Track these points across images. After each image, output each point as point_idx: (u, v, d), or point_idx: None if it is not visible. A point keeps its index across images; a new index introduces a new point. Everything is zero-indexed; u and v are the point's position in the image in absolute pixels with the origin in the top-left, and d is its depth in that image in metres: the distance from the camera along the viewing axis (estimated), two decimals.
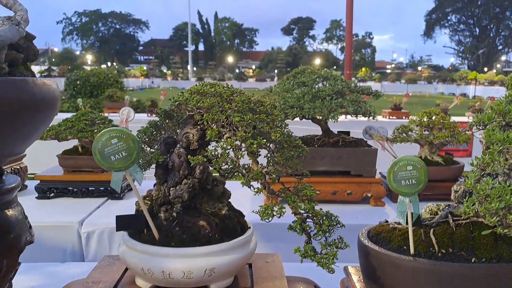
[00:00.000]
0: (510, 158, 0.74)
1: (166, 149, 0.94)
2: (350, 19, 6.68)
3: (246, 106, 0.85)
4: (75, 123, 2.02)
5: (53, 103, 0.91)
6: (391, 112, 6.12)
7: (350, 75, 6.69)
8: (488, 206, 0.70)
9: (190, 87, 0.94)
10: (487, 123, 0.87)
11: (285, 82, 2.12)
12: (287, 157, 0.90)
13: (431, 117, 2.14)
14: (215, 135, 0.83)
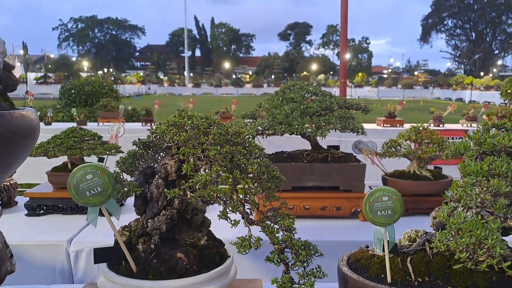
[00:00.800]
0: (482, 191, 0.75)
1: (144, 179, 0.95)
2: (345, 28, 6.72)
3: (223, 138, 0.86)
4: (64, 140, 2.03)
5: (32, 134, 0.91)
6: (385, 120, 6.13)
7: (345, 84, 6.72)
8: (459, 240, 0.70)
9: (168, 118, 0.95)
10: (463, 152, 0.88)
11: (274, 98, 2.13)
12: (264, 188, 0.90)
13: (419, 132, 2.15)
14: (191, 169, 0.83)
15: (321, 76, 48.35)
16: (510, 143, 0.82)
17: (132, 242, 0.93)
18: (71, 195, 0.85)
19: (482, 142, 0.86)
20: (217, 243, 0.98)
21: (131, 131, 5.63)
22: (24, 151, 0.94)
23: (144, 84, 40.42)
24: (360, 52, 65.77)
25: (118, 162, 1.01)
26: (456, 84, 33.15)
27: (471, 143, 0.88)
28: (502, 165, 0.76)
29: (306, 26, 76.21)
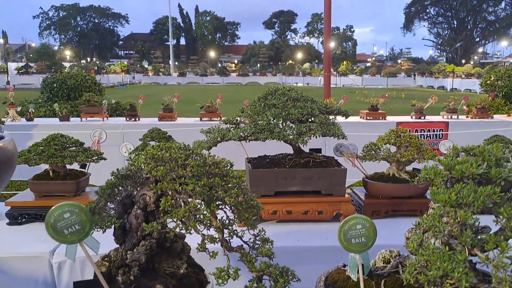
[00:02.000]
0: (450, 222, 0.78)
1: (123, 209, 0.96)
2: (328, 23, 6.73)
3: (201, 170, 0.87)
4: (45, 148, 2.01)
5: (9, 164, 0.92)
6: (368, 113, 6.20)
7: (329, 77, 6.74)
8: (427, 273, 0.74)
9: (147, 149, 0.96)
10: (434, 178, 0.91)
11: (256, 104, 2.14)
12: (242, 219, 0.92)
13: (399, 136, 2.19)
14: (168, 205, 0.85)
15: (306, 65, 48.38)
16: (477, 171, 0.85)
17: (111, 273, 0.94)
18: (48, 233, 0.86)
19: (452, 167, 0.90)
20: (196, 269, 1.00)
21: (115, 126, 5.59)
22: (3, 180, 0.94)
23: (128, 73, 39.90)
24: (345, 40, 65.91)
25: (97, 192, 1.02)
26: (438, 72, 33.54)
27: (441, 168, 0.92)
28: (469, 194, 0.80)
29: (291, 14, 75.89)
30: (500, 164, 0.89)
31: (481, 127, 5.81)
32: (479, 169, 0.86)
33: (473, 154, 0.92)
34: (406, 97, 22.17)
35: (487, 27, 65.26)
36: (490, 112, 6.68)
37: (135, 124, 5.70)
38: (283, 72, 42.56)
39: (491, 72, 8.06)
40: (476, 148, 0.93)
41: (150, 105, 7.49)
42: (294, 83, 38.96)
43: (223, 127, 2.16)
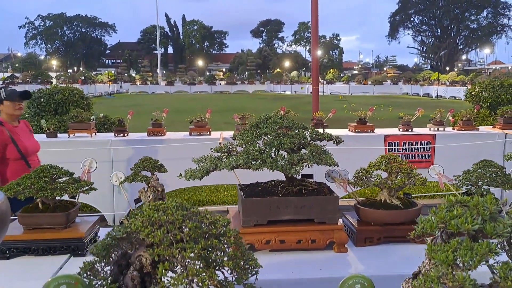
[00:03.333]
0: (449, 285, 0.79)
1: (119, 270, 0.95)
2: (316, 31, 6.78)
3: (198, 231, 0.87)
4: (35, 181, 1.98)
5: (2, 224, 0.90)
6: (357, 126, 6.24)
7: (317, 91, 6.79)
8: None
9: (143, 209, 0.95)
10: (430, 232, 0.92)
11: (248, 133, 2.14)
12: (239, 282, 0.92)
13: (389, 162, 2.21)
14: (166, 273, 0.84)
15: (294, 73, 48.70)
16: (472, 227, 0.86)
17: None
18: None
19: (447, 221, 0.91)
20: None
21: (103, 143, 5.52)
22: None
23: (115, 82, 39.68)
24: (331, 49, 66.53)
25: (92, 251, 1.00)
26: (423, 80, 34.04)
27: (437, 221, 0.92)
28: (466, 253, 0.80)
29: (278, 23, 76.46)
30: (494, 217, 0.90)
31: (467, 139, 5.90)
32: (474, 224, 0.87)
33: (467, 207, 0.94)
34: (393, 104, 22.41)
35: (470, 35, 66.53)
36: (476, 123, 6.79)
37: (123, 140, 5.65)
38: (271, 80, 42.77)
39: (476, 84, 8.19)
40: (470, 200, 0.94)
41: (138, 115, 7.42)
42: (282, 91, 39.14)
43: (215, 156, 2.16)
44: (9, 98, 3.65)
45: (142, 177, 2.10)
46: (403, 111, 12.48)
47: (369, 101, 25.96)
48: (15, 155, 3.65)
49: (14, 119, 3.78)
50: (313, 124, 6.24)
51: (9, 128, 3.66)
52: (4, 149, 3.58)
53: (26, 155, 3.75)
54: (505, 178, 2.17)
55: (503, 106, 7.29)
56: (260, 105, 24.06)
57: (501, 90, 7.52)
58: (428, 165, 6.14)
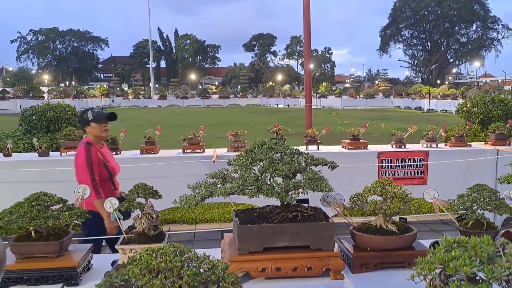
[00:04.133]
0: None
1: None
2: (308, 49, 6.84)
3: (197, 279, 0.86)
4: (28, 210, 1.96)
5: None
6: (350, 142, 6.28)
7: (310, 108, 6.83)
8: None
9: (141, 253, 0.94)
10: (428, 274, 0.92)
11: (243, 159, 2.14)
12: None
13: (384, 187, 2.22)
14: None
15: (287, 86, 49.03)
16: (471, 270, 0.86)
17: None
18: None
19: (445, 263, 0.91)
20: None
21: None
22: None
23: (108, 97, 39.63)
24: (323, 62, 67.15)
25: None
26: (415, 93, 34.41)
27: (435, 262, 0.93)
28: None
29: (271, 37, 77.18)
30: (492, 259, 0.90)
31: (460, 155, 5.95)
32: (473, 267, 0.87)
33: (465, 248, 0.94)
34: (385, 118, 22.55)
35: (460, 48, 67.68)
36: (468, 138, 6.85)
37: (116, 158, 5.59)
38: (264, 93, 42.98)
39: (467, 99, 8.29)
40: (468, 242, 0.95)
41: (131, 130, 7.39)
42: (275, 104, 39.33)
43: (210, 182, 2.15)
44: (97, 119, 3.68)
45: (136, 204, 2.08)
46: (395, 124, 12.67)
47: (361, 115, 26.15)
48: (104, 176, 3.70)
49: (100, 141, 3.83)
50: (307, 141, 6.26)
51: (97, 149, 3.71)
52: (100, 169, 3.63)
53: (113, 176, 3.83)
54: (499, 202, 2.18)
55: (494, 121, 7.38)
56: (253, 119, 24.14)
57: (492, 105, 7.61)
58: (421, 182, 6.19)
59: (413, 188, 6.42)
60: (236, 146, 5.94)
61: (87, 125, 3.70)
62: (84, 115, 3.72)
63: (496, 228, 2.23)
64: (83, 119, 3.72)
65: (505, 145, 5.98)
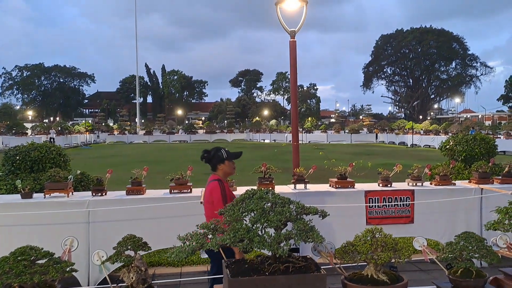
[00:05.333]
0: None
1: None
2: (294, 89, 6.98)
3: None
4: (13, 265, 1.91)
5: None
6: (337, 181, 6.31)
7: (297, 147, 6.89)
8: None
9: None
10: None
11: (235, 209, 2.14)
12: None
13: (374, 236, 2.23)
14: None
15: (273, 121, 49.55)
16: None
17: None
18: None
19: None
20: None
21: (80, 203, 5.38)
22: None
23: (93, 132, 39.39)
24: (309, 98, 68.32)
25: None
26: (398, 129, 35.06)
27: None
28: None
29: (257, 73, 78.60)
30: None
31: (445, 194, 6.02)
32: None
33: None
34: (370, 153, 22.82)
35: (440, 85, 69.84)
36: (452, 176, 6.96)
37: (101, 200, 5.52)
38: (250, 128, 43.31)
39: (450, 137, 8.48)
40: None
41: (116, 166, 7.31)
42: (261, 139, 39.57)
43: (201, 233, 2.14)
44: (229, 158, 3.92)
45: (125, 258, 2.05)
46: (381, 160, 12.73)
47: (347, 150, 26.43)
48: None
49: (226, 178, 4.06)
50: (295, 180, 6.28)
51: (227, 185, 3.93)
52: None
53: None
54: (487, 250, 2.21)
55: (477, 159, 7.54)
56: None
57: (474, 143, 7.79)
58: (408, 221, 6.22)
59: (400, 228, 6.44)
60: None
61: (221, 163, 3.89)
62: (218, 153, 3.91)
63: (485, 276, 2.25)
64: (218, 157, 3.90)
65: (488, 183, 6.09)
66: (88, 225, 5.29)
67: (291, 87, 6.66)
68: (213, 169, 3.96)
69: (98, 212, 5.33)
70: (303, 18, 6.74)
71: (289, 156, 14.01)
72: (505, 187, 5.87)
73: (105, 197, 5.60)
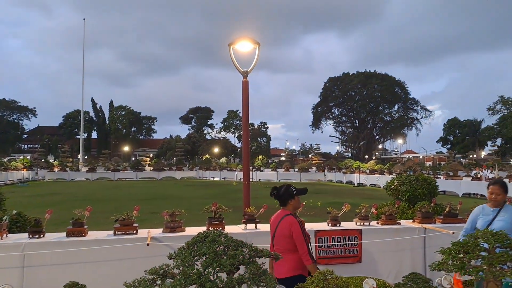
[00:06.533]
0: None
1: None
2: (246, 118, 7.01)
3: None
4: None
5: None
6: None
7: (248, 186, 6.87)
8: None
9: None
10: None
11: (186, 252, 2.06)
12: None
13: (326, 279, 2.21)
14: None
15: (223, 159, 49.39)
16: None
17: None
18: None
19: None
20: None
21: (15, 246, 4.95)
22: None
23: (31, 169, 37.10)
24: (259, 136, 69.21)
25: None
26: (346, 168, 36.13)
27: None
28: None
29: (208, 110, 78.92)
30: None
31: (391, 233, 6.17)
32: None
33: None
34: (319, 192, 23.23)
35: (384, 126, 73.46)
36: (397, 215, 7.19)
37: (39, 243, 5.11)
38: (200, 166, 42.77)
39: (395, 178, 8.82)
40: None
41: (55, 206, 6.88)
42: (211, 177, 39.12)
43: (149, 279, 2.02)
44: (298, 193, 4.21)
45: None
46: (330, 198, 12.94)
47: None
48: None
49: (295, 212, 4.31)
50: (245, 220, 6.21)
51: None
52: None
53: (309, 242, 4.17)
54: None
55: (419, 199, 7.87)
56: (188, 192, 23.71)
57: (417, 184, 8.16)
58: (356, 260, 6.28)
59: (348, 267, 6.49)
60: (172, 226, 5.71)
61: (292, 198, 4.16)
62: (289, 190, 4.18)
63: None
64: (289, 193, 4.17)
65: (431, 223, 6.33)
66: (23, 270, 4.87)
67: (243, 126, 6.71)
68: (282, 205, 4.23)
69: (35, 256, 4.93)
70: (255, 59, 6.91)
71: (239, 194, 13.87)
72: (447, 226, 6.13)
73: (43, 240, 5.21)
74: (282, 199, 4.20)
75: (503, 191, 4.20)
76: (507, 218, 4.12)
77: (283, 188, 4.24)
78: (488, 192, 4.30)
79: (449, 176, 24.71)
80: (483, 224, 4.19)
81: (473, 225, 4.34)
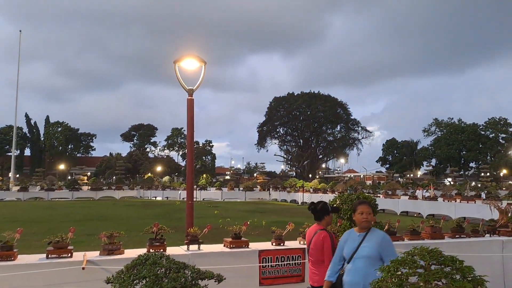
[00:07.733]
0: None
1: None
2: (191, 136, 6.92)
3: None
4: None
5: None
6: (232, 241, 6.24)
7: (191, 207, 6.74)
8: None
9: None
10: None
11: (125, 276, 1.95)
12: None
13: None
14: None
15: (166, 178, 48.31)
16: None
17: None
18: None
19: None
20: None
21: None
22: None
23: None
24: (204, 155, 68.59)
25: None
26: (290, 187, 36.65)
27: None
28: None
29: (151, 128, 77.22)
30: None
31: None
32: None
33: None
34: (264, 210, 23.28)
35: (327, 146, 75.67)
36: (339, 234, 7.33)
37: None
38: (141, 185, 41.47)
39: (337, 197, 9.03)
40: None
41: None
42: (153, 197, 38.01)
43: None
44: (333, 211, 4.58)
45: None
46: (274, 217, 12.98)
47: (241, 207, 26.66)
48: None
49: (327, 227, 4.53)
50: (188, 241, 6.06)
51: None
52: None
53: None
54: None
55: None
56: (128, 212, 22.81)
57: None
58: (299, 280, 6.31)
59: (291, 287, 6.49)
60: (110, 248, 5.44)
61: (327, 215, 4.44)
62: (326, 206, 4.48)
63: None
64: (326, 209, 4.45)
65: None
66: None
67: (188, 145, 6.61)
68: (317, 219, 4.48)
69: None
70: (201, 77, 6.88)
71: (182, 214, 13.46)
72: None
73: None
74: (318, 214, 4.48)
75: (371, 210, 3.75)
76: (372, 244, 3.65)
77: (320, 204, 4.54)
78: (357, 213, 3.76)
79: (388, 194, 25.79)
80: (348, 251, 3.73)
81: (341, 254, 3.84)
